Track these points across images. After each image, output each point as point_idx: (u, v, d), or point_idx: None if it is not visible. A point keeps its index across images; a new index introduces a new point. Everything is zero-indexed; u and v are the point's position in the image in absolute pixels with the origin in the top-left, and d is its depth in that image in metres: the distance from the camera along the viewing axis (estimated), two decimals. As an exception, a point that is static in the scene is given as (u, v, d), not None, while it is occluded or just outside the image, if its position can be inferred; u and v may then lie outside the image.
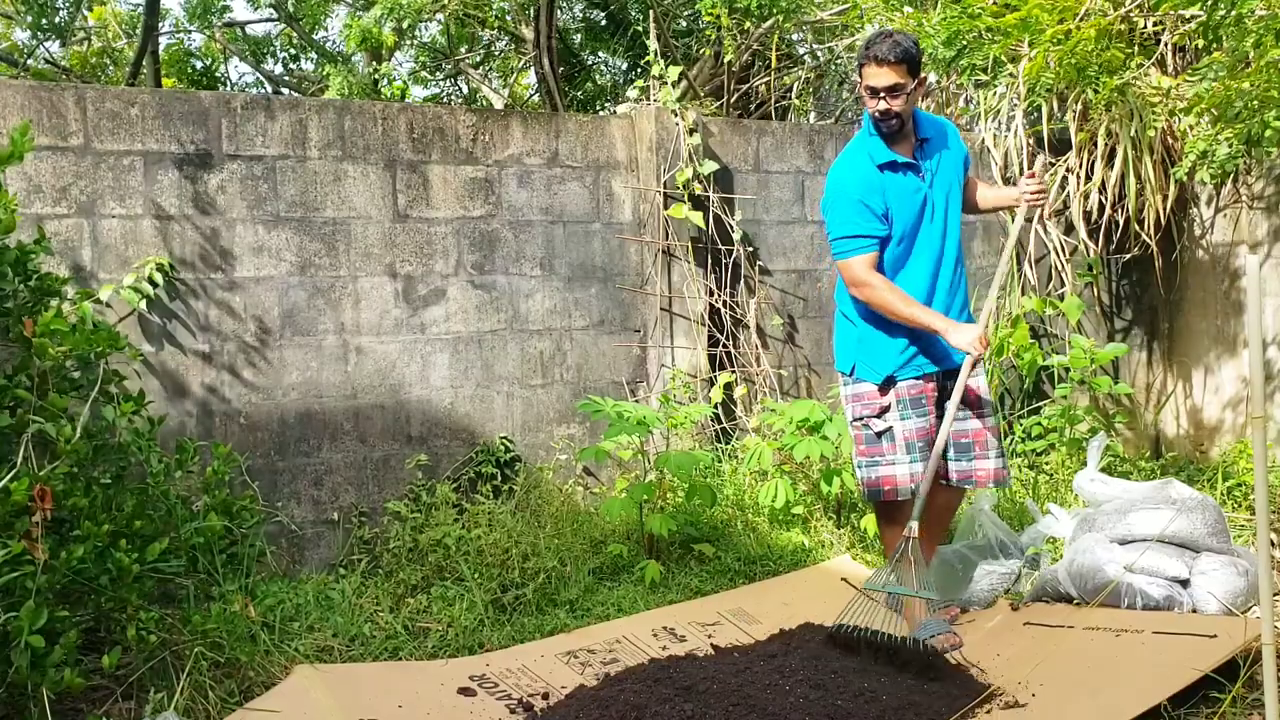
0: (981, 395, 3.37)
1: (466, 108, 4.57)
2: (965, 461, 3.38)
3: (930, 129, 3.38)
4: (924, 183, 3.32)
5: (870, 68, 3.20)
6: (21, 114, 3.63)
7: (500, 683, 3.03)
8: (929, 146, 3.36)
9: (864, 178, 3.28)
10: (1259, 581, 2.32)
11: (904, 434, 3.30)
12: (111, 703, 2.83)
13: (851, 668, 2.96)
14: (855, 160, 3.33)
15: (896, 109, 3.21)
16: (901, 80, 3.18)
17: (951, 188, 3.38)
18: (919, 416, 3.31)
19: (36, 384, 2.79)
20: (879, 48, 3.17)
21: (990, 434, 3.37)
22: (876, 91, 3.20)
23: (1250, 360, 2.29)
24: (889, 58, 3.15)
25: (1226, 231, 5.36)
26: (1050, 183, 5.41)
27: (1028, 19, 4.21)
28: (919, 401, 3.32)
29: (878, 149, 3.30)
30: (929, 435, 3.30)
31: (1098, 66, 4.51)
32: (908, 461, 3.29)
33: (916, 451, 3.29)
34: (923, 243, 3.32)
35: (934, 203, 3.33)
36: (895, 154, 3.29)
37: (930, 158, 3.35)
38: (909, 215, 3.29)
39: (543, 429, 4.46)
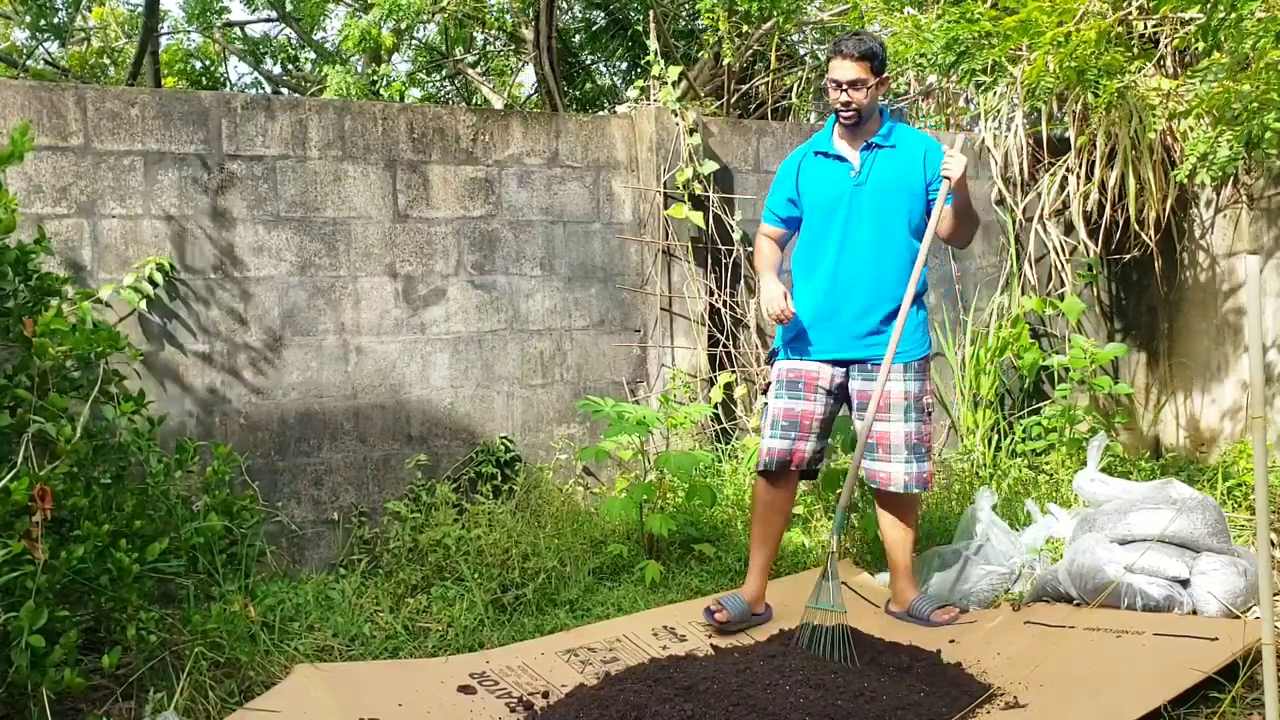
0: (894, 400, 3.42)
1: (466, 108, 4.58)
2: (871, 461, 3.47)
3: (894, 138, 3.48)
4: (853, 179, 3.44)
5: (835, 61, 3.41)
6: (21, 114, 3.63)
7: (500, 681, 3.03)
8: (879, 152, 3.45)
9: (792, 160, 3.60)
10: (1259, 581, 2.32)
11: (773, 410, 3.50)
12: (111, 703, 2.83)
13: (851, 668, 2.96)
14: (802, 147, 3.63)
15: (856, 102, 3.39)
16: (863, 76, 3.38)
17: (894, 200, 3.43)
18: (790, 398, 3.48)
19: (36, 384, 2.79)
20: (845, 44, 3.40)
21: (898, 438, 3.42)
22: (840, 84, 3.40)
23: (1250, 361, 2.29)
24: (853, 53, 3.37)
25: (1226, 232, 5.37)
26: (1051, 182, 5.42)
27: (1027, 22, 4.21)
28: (795, 385, 3.48)
29: (823, 138, 3.55)
30: (796, 418, 3.46)
31: (1097, 69, 4.51)
32: (769, 436, 3.48)
33: (779, 429, 3.47)
34: (832, 235, 3.45)
35: (859, 204, 3.43)
36: (832, 146, 3.51)
37: (875, 161, 3.45)
38: (822, 203, 3.48)
39: (543, 429, 4.46)
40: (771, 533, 3.52)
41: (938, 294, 5.36)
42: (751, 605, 3.46)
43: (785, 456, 3.45)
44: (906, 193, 3.44)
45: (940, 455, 5.11)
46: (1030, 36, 4.33)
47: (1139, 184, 5.14)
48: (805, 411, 3.46)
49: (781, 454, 3.45)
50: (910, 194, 3.44)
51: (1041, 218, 5.48)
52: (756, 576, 3.50)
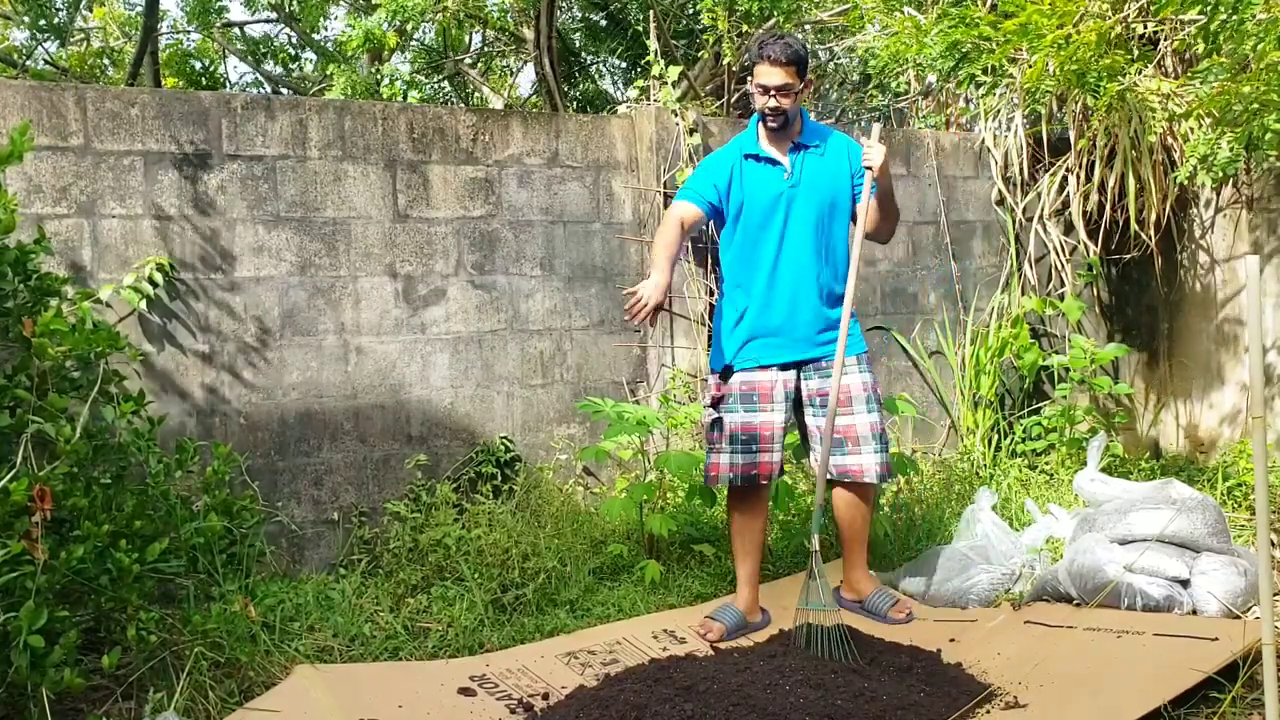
0: (854, 393, 3.43)
1: (466, 108, 4.58)
2: (840, 456, 3.45)
3: (814, 137, 3.50)
4: (786, 181, 3.43)
5: (763, 66, 3.37)
6: (21, 114, 3.63)
7: (500, 683, 3.03)
8: (807, 153, 3.47)
9: (721, 156, 3.55)
10: (1259, 581, 2.32)
11: (730, 425, 3.44)
12: (111, 703, 2.83)
13: (851, 668, 2.96)
14: (728, 147, 3.58)
15: (785, 107, 3.38)
16: (791, 80, 3.37)
17: (826, 199, 3.45)
18: (747, 411, 3.44)
19: (36, 384, 2.78)
20: (772, 48, 3.36)
21: (865, 429, 3.44)
22: (767, 89, 3.38)
23: (1250, 361, 2.29)
24: (780, 58, 3.34)
25: (1227, 232, 5.37)
26: (1051, 182, 5.42)
27: (1026, 25, 4.20)
28: (750, 397, 3.44)
29: (749, 141, 3.52)
30: (755, 430, 3.43)
31: (1097, 72, 4.51)
32: (729, 452, 3.44)
33: (740, 444, 3.43)
34: (770, 239, 3.44)
35: (795, 205, 3.43)
36: (761, 148, 3.48)
37: (803, 162, 3.46)
38: (761, 207, 3.44)
39: (543, 429, 4.46)
40: (753, 543, 3.50)
41: (938, 294, 5.36)
42: (747, 614, 3.45)
43: (750, 471, 3.42)
44: (838, 189, 3.47)
45: (940, 455, 5.11)
46: (1030, 40, 4.33)
47: (1139, 184, 5.14)
48: (765, 423, 3.43)
49: (746, 468, 3.42)
50: (841, 190, 3.47)
51: (1041, 218, 5.48)
52: (747, 587, 3.49)
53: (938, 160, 5.38)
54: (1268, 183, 5.20)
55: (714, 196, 3.47)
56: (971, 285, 5.45)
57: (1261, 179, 5.19)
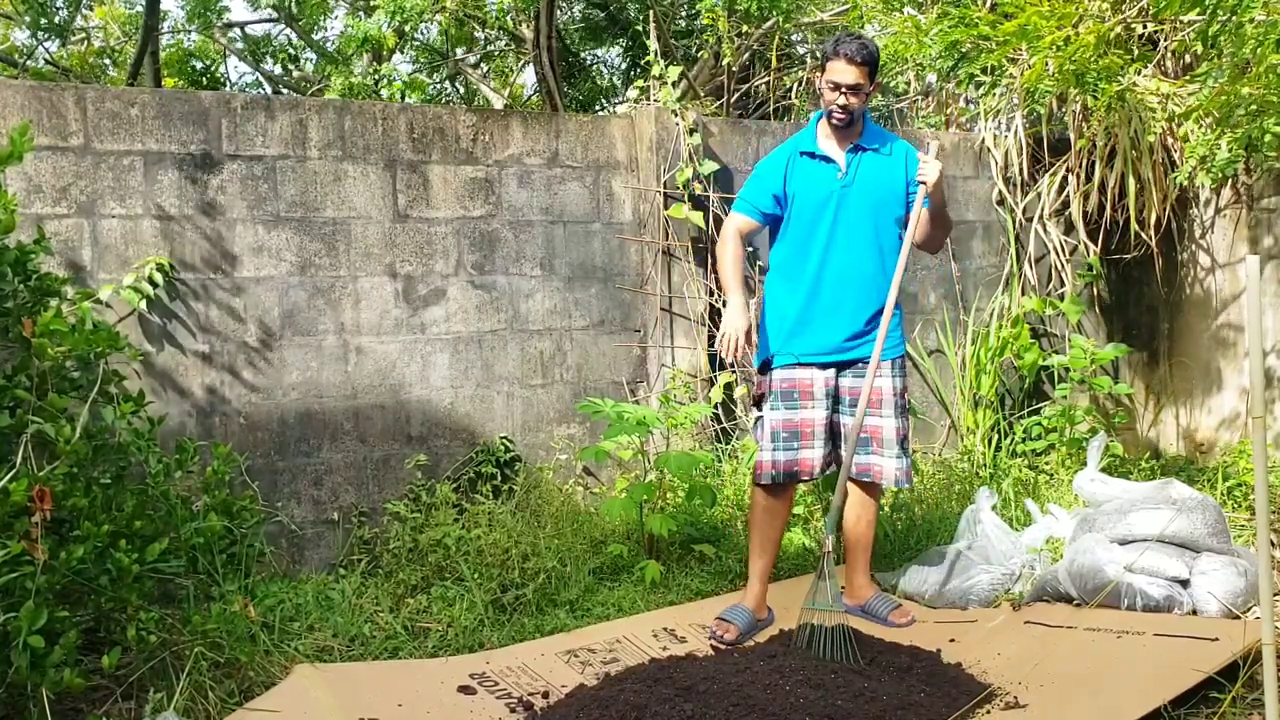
0: (885, 395, 3.44)
1: (466, 108, 4.58)
2: (863, 455, 3.46)
3: (875, 140, 3.48)
4: (839, 180, 3.42)
5: (838, 63, 3.35)
6: (21, 114, 3.63)
7: (500, 681, 3.03)
8: (866, 155, 3.46)
9: (777, 156, 3.52)
10: (1259, 581, 2.32)
11: (771, 424, 3.44)
12: (111, 703, 2.83)
13: (851, 668, 2.96)
14: (785, 145, 3.56)
15: (853, 106, 3.37)
16: (862, 80, 3.35)
17: (878, 201, 3.45)
18: (788, 409, 3.43)
19: (36, 384, 2.78)
20: (848, 46, 3.34)
21: (890, 433, 3.45)
22: (839, 87, 3.36)
23: (1250, 361, 2.29)
24: (857, 58, 3.33)
25: (1226, 232, 5.37)
26: (1051, 182, 5.42)
27: (1026, 26, 4.20)
28: (790, 395, 3.43)
29: (807, 139, 3.50)
30: (797, 427, 3.42)
31: (1096, 73, 4.51)
32: (771, 449, 3.43)
33: (781, 441, 3.42)
34: (819, 236, 3.43)
35: (847, 205, 3.42)
36: (819, 146, 3.47)
37: (860, 163, 3.45)
38: (811, 204, 3.43)
39: (543, 429, 4.45)
40: (772, 539, 3.51)
41: (938, 294, 5.36)
42: (755, 612, 3.45)
43: (791, 468, 3.42)
44: (891, 194, 3.46)
45: (940, 455, 5.11)
46: (1029, 41, 4.33)
47: (1139, 185, 5.14)
48: (805, 420, 3.42)
49: (787, 466, 3.41)
50: (895, 196, 3.46)
51: (1041, 218, 5.48)
52: (759, 583, 3.49)
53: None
54: (1267, 183, 5.20)
55: (769, 205, 3.47)
56: (971, 285, 5.45)
57: (1261, 180, 5.19)
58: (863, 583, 3.59)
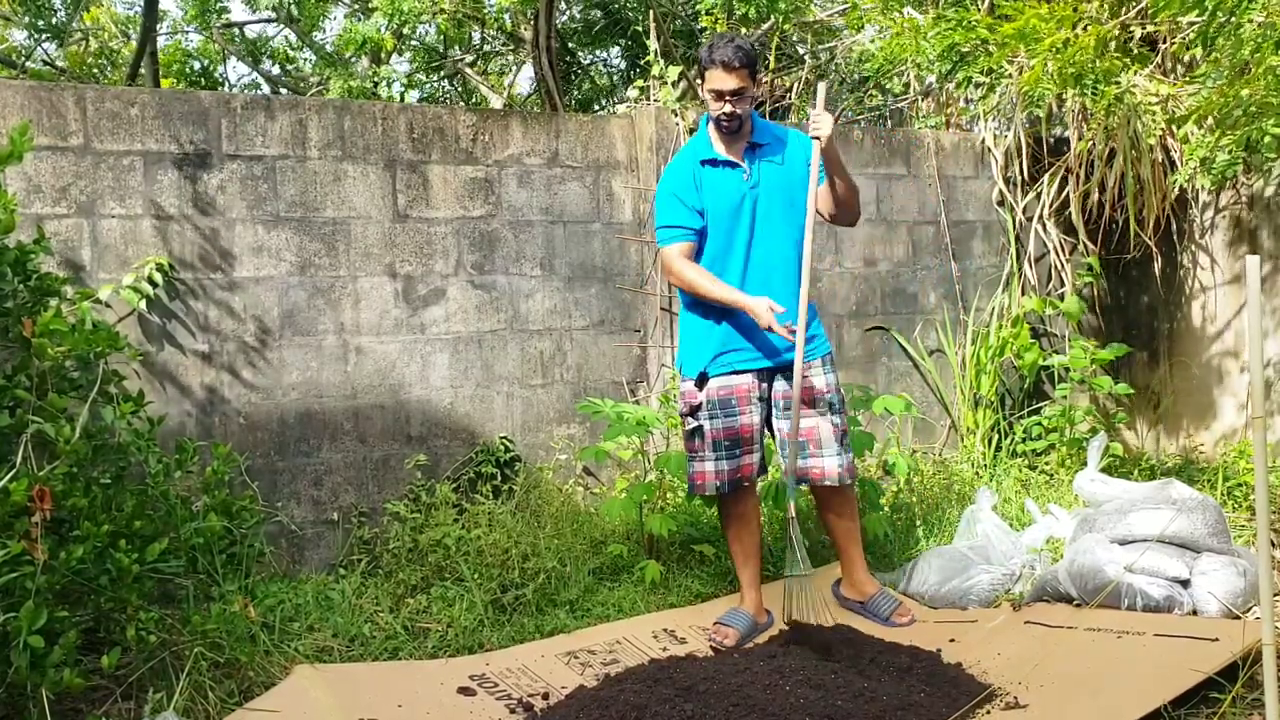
0: (817, 395, 3.42)
1: (466, 108, 4.58)
2: (802, 459, 3.44)
3: (767, 135, 3.45)
4: (746, 183, 3.39)
5: (716, 72, 3.28)
6: (21, 114, 3.62)
7: (500, 683, 3.03)
8: (761, 151, 3.43)
9: (682, 173, 3.42)
10: (1259, 581, 2.32)
11: (711, 433, 3.40)
12: (111, 703, 2.83)
13: (851, 667, 2.96)
14: (681, 157, 3.50)
15: (740, 111, 3.32)
16: (745, 84, 3.30)
17: (787, 194, 3.41)
18: (727, 416, 3.40)
19: (36, 384, 2.78)
20: (724, 52, 3.26)
21: (827, 431, 3.42)
22: (721, 95, 3.31)
23: (1250, 361, 2.28)
24: (735, 63, 3.26)
25: (1226, 232, 5.37)
26: (1051, 183, 5.42)
27: (1025, 29, 4.20)
28: (728, 402, 3.40)
29: (704, 146, 3.44)
30: (737, 434, 3.40)
31: (1095, 75, 4.51)
32: (714, 459, 3.40)
33: (724, 450, 3.40)
34: (739, 242, 3.40)
35: (758, 205, 3.39)
36: (717, 152, 3.41)
37: (760, 161, 3.42)
38: (725, 211, 3.39)
39: (543, 429, 4.45)
40: (752, 545, 3.50)
41: (938, 294, 5.36)
42: (755, 615, 3.44)
43: (734, 475, 3.41)
44: (799, 187, 3.42)
45: (940, 455, 5.11)
46: (1028, 44, 4.32)
47: (1138, 185, 5.14)
48: (745, 425, 3.40)
49: (730, 474, 3.40)
50: (800, 187, 3.41)
51: (1041, 218, 5.48)
52: (752, 590, 3.48)
53: (938, 160, 5.38)
54: (1267, 184, 5.20)
55: (697, 222, 3.39)
56: (971, 285, 5.45)
57: (1261, 180, 5.20)
58: (863, 578, 3.58)
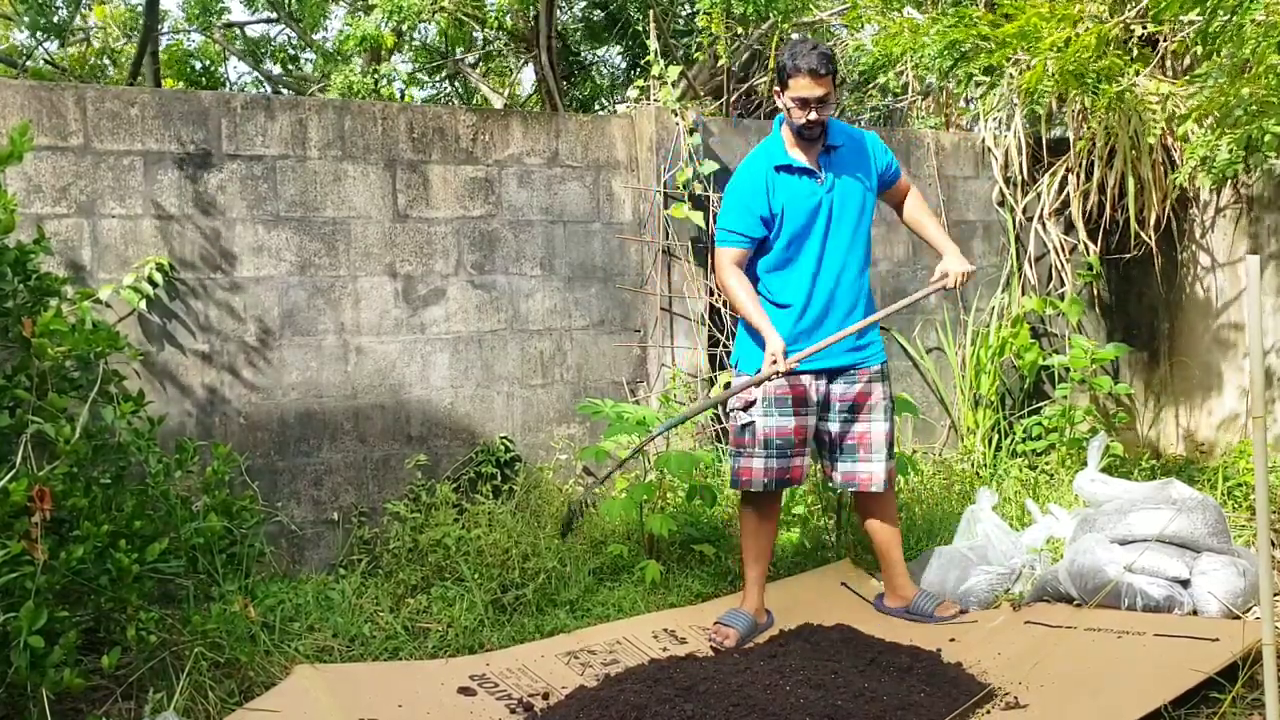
0: (872, 402, 3.46)
1: (466, 108, 4.58)
2: (849, 463, 3.48)
3: (840, 137, 3.45)
4: (821, 188, 3.39)
5: (801, 79, 3.26)
6: (21, 114, 3.62)
7: (500, 683, 3.03)
8: (836, 155, 3.42)
9: (755, 179, 3.40)
10: (1259, 581, 2.32)
11: (764, 430, 3.41)
12: (111, 703, 2.83)
13: (851, 667, 2.96)
14: (755, 160, 3.47)
15: (825, 118, 3.31)
16: (829, 91, 3.29)
17: (859, 199, 3.44)
18: (781, 416, 3.41)
19: (36, 384, 2.78)
20: (810, 59, 3.24)
21: (879, 437, 3.47)
22: (807, 103, 3.28)
23: (1250, 360, 2.29)
24: (820, 70, 3.24)
25: (1227, 232, 5.37)
26: (1051, 182, 5.42)
27: (1026, 28, 4.20)
28: (784, 401, 3.41)
29: (778, 151, 3.41)
30: (789, 434, 3.41)
31: (1095, 74, 4.51)
32: (764, 457, 3.41)
33: (775, 449, 3.41)
34: (811, 247, 3.40)
35: (831, 210, 3.40)
36: (792, 158, 3.39)
37: (834, 166, 3.42)
38: (799, 218, 3.38)
39: (543, 429, 4.45)
40: (767, 546, 3.51)
41: (937, 294, 5.35)
42: (755, 616, 3.45)
43: (784, 475, 3.42)
44: (868, 193, 3.46)
45: (940, 455, 5.11)
46: (1028, 42, 4.32)
47: (1139, 184, 5.14)
48: (799, 427, 3.42)
49: (779, 473, 3.41)
50: (869, 192, 3.46)
51: (1041, 217, 5.48)
52: (756, 588, 3.49)
53: (938, 160, 5.38)
54: (1267, 184, 5.20)
55: (759, 230, 3.38)
56: (971, 285, 5.44)
57: (1261, 180, 5.19)
58: (903, 584, 3.59)
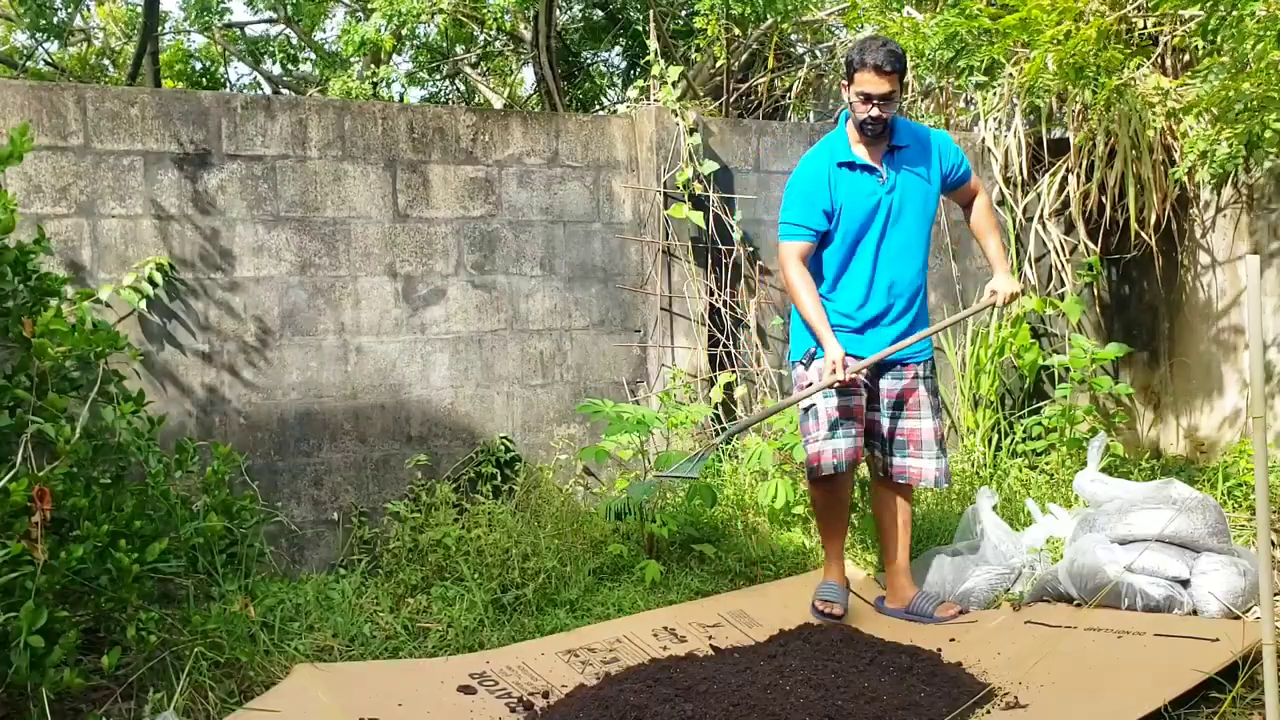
0: (922, 397, 3.50)
1: (466, 108, 4.58)
2: (900, 458, 3.51)
3: (907, 137, 3.44)
4: (882, 187, 3.38)
5: (867, 74, 3.25)
6: (21, 114, 3.62)
7: (500, 681, 3.03)
8: (900, 154, 3.42)
9: (817, 173, 3.41)
10: (1259, 581, 2.32)
11: (825, 411, 3.43)
12: (111, 703, 2.82)
13: (851, 667, 2.96)
14: (818, 154, 3.47)
15: (887, 115, 3.30)
16: (894, 89, 3.29)
17: (920, 201, 3.44)
18: (841, 395, 3.42)
19: (36, 384, 2.78)
20: (876, 55, 3.23)
21: (929, 434, 3.49)
22: (870, 98, 3.27)
23: (1250, 360, 2.29)
24: (886, 67, 3.23)
25: (1227, 231, 5.36)
26: (1051, 182, 5.42)
27: (1027, 19, 4.20)
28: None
29: (841, 147, 3.41)
30: (851, 413, 3.43)
31: (1096, 67, 4.51)
32: (830, 437, 3.42)
33: (840, 428, 3.42)
34: (868, 246, 3.42)
35: (891, 209, 3.40)
36: (855, 155, 3.39)
37: (897, 165, 3.41)
38: (858, 215, 3.39)
39: (543, 429, 4.45)
40: (844, 519, 3.60)
41: (938, 294, 5.35)
42: (842, 585, 3.55)
43: (853, 455, 3.44)
44: (931, 194, 3.47)
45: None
46: (1030, 34, 4.33)
47: (1139, 184, 5.14)
48: (857, 405, 3.46)
49: (849, 453, 3.42)
50: (932, 192, 3.48)
51: (1041, 217, 5.48)
52: (837, 562, 3.59)
53: (938, 160, 5.37)
54: (1268, 182, 5.20)
55: (823, 223, 3.39)
56: (971, 285, 5.44)
57: (1262, 178, 5.19)
58: (904, 584, 3.60)
